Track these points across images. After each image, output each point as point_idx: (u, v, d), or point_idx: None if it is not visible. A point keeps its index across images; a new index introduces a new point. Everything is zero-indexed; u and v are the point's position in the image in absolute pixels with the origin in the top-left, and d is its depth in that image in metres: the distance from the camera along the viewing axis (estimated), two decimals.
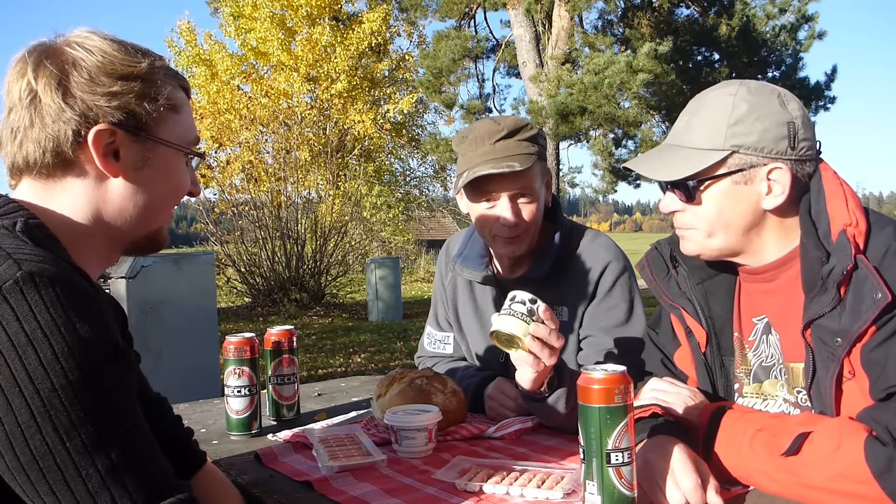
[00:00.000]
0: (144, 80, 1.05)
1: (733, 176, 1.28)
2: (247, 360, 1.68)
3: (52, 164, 1.02)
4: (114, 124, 1.02)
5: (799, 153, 1.27)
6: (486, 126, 1.76)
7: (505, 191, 1.74)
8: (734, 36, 12.27)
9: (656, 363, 1.54)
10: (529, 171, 1.73)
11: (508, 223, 1.75)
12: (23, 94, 1.01)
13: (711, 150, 1.28)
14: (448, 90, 13.92)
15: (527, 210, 1.76)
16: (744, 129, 1.26)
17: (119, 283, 4.81)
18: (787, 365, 1.33)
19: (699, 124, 1.31)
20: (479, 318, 1.97)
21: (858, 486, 1.07)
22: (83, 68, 1.01)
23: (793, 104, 1.29)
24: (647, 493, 1.16)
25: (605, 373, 1.09)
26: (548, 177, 1.85)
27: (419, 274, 23.97)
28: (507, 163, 1.69)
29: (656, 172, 1.34)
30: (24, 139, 1.01)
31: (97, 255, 1.08)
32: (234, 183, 14.66)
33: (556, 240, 1.85)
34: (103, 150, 1.02)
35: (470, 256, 1.95)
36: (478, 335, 1.98)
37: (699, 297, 1.43)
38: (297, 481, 1.37)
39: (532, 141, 1.75)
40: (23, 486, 0.85)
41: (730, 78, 12.20)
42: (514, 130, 1.74)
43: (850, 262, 1.17)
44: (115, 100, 1.02)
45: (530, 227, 1.78)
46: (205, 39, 19.52)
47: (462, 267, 1.95)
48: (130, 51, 1.06)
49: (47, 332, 0.84)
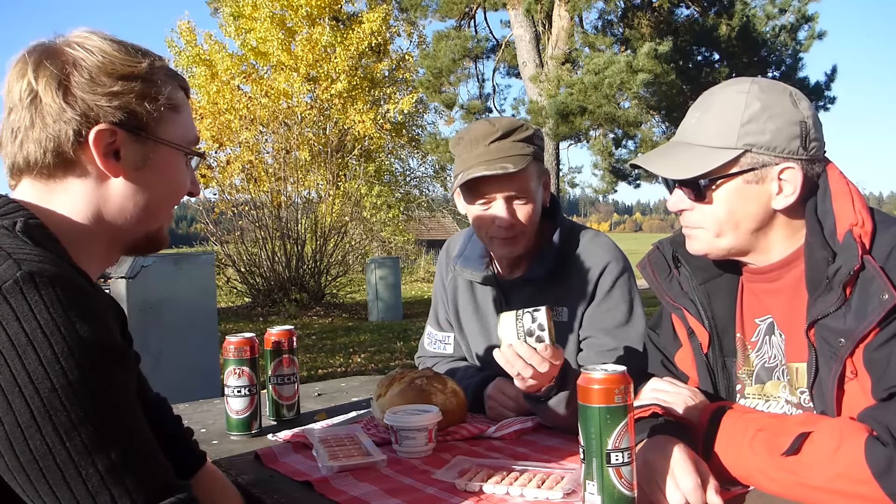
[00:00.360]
0: (145, 80, 1.05)
1: (745, 175, 1.27)
2: (247, 360, 1.68)
3: (52, 164, 1.02)
4: (114, 124, 1.02)
5: (810, 153, 1.26)
6: (482, 127, 1.77)
7: (500, 192, 1.74)
8: (734, 36, 12.27)
9: (657, 364, 1.54)
10: (524, 173, 1.72)
11: (504, 224, 1.75)
12: (23, 94, 1.01)
13: (724, 149, 1.26)
14: (448, 90, 13.91)
15: (522, 211, 1.76)
16: (757, 127, 1.25)
17: (119, 283, 4.81)
18: (790, 365, 1.33)
19: (711, 122, 1.30)
20: (479, 319, 1.97)
21: (859, 487, 1.07)
22: (84, 68, 1.01)
23: (804, 103, 1.28)
24: (647, 493, 1.16)
25: (605, 373, 1.09)
26: (545, 177, 1.84)
27: (419, 274, 23.97)
28: (501, 164, 1.69)
29: (668, 170, 1.33)
30: (24, 139, 1.01)
31: (97, 255, 1.08)
32: (234, 183, 14.67)
33: (556, 240, 1.85)
34: (104, 149, 1.02)
35: (470, 257, 1.95)
36: (478, 335, 1.98)
37: (702, 298, 1.43)
38: (297, 481, 1.37)
39: (528, 141, 1.75)
40: (23, 486, 0.85)
41: (730, 78, 12.23)
42: (508, 132, 1.74)
43: (857, 262, 1.16)
44: (116, 100, 1.02)
45: (526, 228, 1.78)
46: (205, 39, 19.52)
47: (462, 267, 1.95)
48: (130, 51, 1.06)
49: (47, 332, 0.84)
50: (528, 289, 1.86)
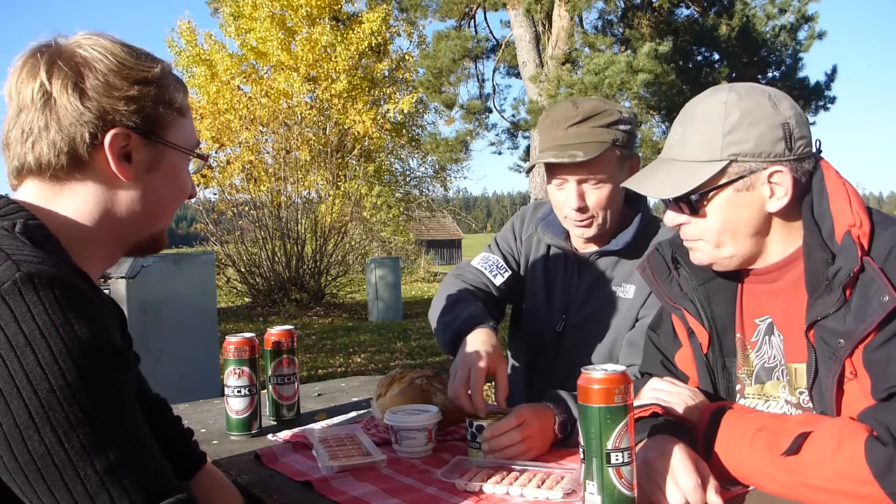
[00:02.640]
0: (159, 85, 1.07)
1: (735, 184, 1.27)
2: (247, 360, 1.68)
3: (65, 166, 1.02)
4: (129, 128, 1.03)
5: (797, 152, 1.26)
6: (564, 110, 1.77)
7: (572, 176, 1.75)
8: (734, 36, 12.27)
9: (657, 364, 1.54)
10: (598, 159, 1.71)
11: (575, 207, 1.76)
12: (36, 95, 1.00)
13: (710, 162, 1.27)
14: (448, 90, 13.91)
15: (594, 195, 1.76)
16: (739, 136, 1.25)
17: (119, 283, 4.81)
18: (790, 366, 1.33)
19: (693, 136, 1.30)
20: (546, 283, 1.96)
21: (859, 486, 1.07)
22: (98, 71, 1.01)
23: (785, 104, 1.28)
24: (647, 493, 1.16)
25: (605, 373, 1.09)
26: (631, 161, 1.82)
27: (419, 274, 23.98)
28: (571, 151, 1.70)
29: (657, 190, 1.34)
30: (36, 141, 1.01)
31: (99, 256, 1.08)
32: (234, 183, 14.68)
33: (636, 222, 1.85)
34: (118, 153, 1.03)
35: (553, 223, 1.95)
36: (543, 298, 1.96)
37: (701, 299, 1.43)
38: (297, 481, 1.37)
39: (610, 126, 1.74)
40: (21, 487, 0.85)
41: (730, 78, 12.25)
42: (589, 116, 1.73)
43: (857, 263, 1.16)
44: (133, 104, 1.03)
45: (599, 212, 1.78)
46: (205, 39, 19.54)
47: (544, 230, 1.95)
48: (141, 55, 1.07)
49: (45, 333, 0.84)
50: (601, 263, 1.88)
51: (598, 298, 1.86)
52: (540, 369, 1.96)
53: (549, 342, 1.92)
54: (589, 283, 1.88)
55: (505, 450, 1.42)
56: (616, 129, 1.74)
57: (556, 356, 1.91)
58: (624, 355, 1.79)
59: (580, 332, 1.87)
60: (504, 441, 1.42)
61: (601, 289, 1.86)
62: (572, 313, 1.89)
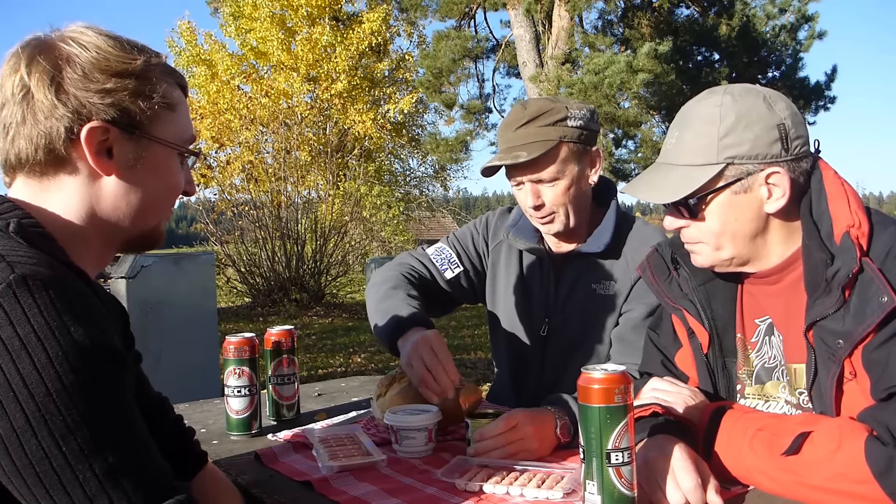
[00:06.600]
0: (139, 77, 1.03)
1: (732, 187, 1.27)
2: (247, 360, 1.68)
3: (44, 162, 1.00)
4: (107, 122, 1.01)
5: (793, 153, 1.26)
6: (514, 112, 1.81)
7: (524, 176, 1.78)
8: (734, 36, 12.27)
9: (657, 364, 1.54)
10: (545, 158, 1.73)
11: (531, 205, 1.80)
12: (15, 89, 0.99)
13: (706, 165, 1.27)
14: (448, 90, 13.92)
15: (550, 192, 1.78)
16: (735, 139, 1.25)
17: (119, 283, 4.81)
18: (789, 366, 1.33)
19: (690, 140, 1.30)
20: (523, 289, 1.97)
21: (858, 486, 1.07)
22: (77, 64, 1.00)
23: (780, 104, 1.28)
24: (647, 493, 1.16)
25: (605, 373, 1.09)
26: (589, 156, 1.82)
27: None
28: (515, 153, 1.73)
29: (655, 196, 1.34)
30: (16, 135, 1.00)
31: (93, 253, 1.06)
32: (234, 183, 14.66)
33: (612, 218, 1.86)
34: (96, 147, 1.01)
35: (523, 228, 1.96)
36: (521, 305, 1.96)
37: (701, 299, 1.43)
38: (297, 481, 1.37)
39: (556, 124, 1.75)
40: (20, 491, 0.85)
41: (730, 78, 12.25)
42: (535, 117, 1.75)
43: (856, 264, 1.16)
44: (109, 97, 1.00)
45: (558, 208, 1.80)
46: (205, 39, 19.52)
47: (515, 236, 1.96)
48: (126, 47, 1.04)
49: (41, 335, 0.83)
50: (579, 262, 1.88)
51: (579, 298, 1.87)
52: (527, 374, 1.96)
53: (533, 347, 1.92)
54: (569, 284, 1.89)
55: (490, 453, 1.42)
56: (563, 127, 1.76)
57: (542, 360, 1.91)
58: (615, 352, 1.80)
59: (565, 333, 1.88)
60: (490, 444, 1.43)
61: (581, 288, 1.87)
62: (554, 316, 1.89)
